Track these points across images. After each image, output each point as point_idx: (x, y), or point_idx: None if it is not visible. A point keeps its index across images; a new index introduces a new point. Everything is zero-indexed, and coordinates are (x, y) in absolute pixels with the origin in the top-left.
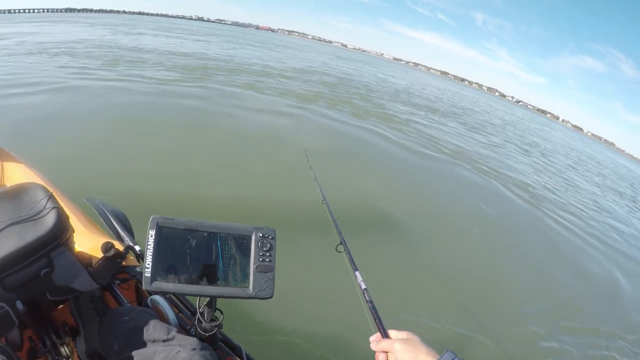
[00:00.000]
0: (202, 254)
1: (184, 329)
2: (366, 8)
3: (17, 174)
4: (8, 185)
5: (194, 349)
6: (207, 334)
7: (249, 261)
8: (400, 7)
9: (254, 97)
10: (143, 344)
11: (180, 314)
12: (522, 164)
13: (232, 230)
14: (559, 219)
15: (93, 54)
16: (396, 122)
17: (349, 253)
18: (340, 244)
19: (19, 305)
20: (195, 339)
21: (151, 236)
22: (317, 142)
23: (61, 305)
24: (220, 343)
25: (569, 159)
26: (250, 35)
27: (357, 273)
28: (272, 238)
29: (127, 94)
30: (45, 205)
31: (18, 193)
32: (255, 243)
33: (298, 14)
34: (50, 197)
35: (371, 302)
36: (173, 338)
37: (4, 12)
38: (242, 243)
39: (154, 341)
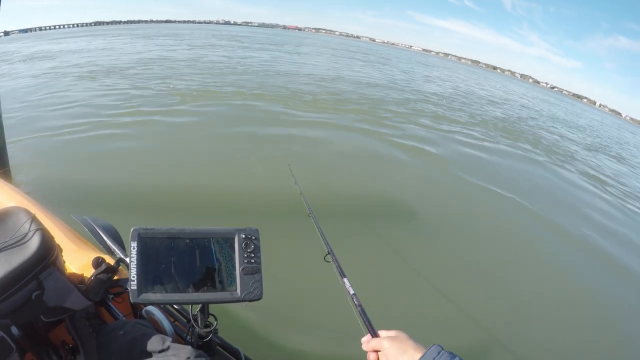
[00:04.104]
0: (186, 261)
1: (180, 337)
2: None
3: (1, 197)
4: None
5: (188, 358)
6: (202, 340)
7: (234, 264)
8: None
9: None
10: (139, 357)
11: (176, 322)
12: None
13: (214, 234)
14: None
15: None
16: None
17: (336, 261)
18: (328, 254)
19: (15, 330)
20: (189, 347)
21: (134, 248)
22: None
23: (58, 326)
24: (219, 348)
25: None
26: (301, 38)
27: (345, 280)
28: (256, 239)
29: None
30: (29, 228)
31: (1, 218)
32: (238, 245)
33: (320, 10)
34: (33, 219)
35: (360, 305)
36: (168, 348)
37: (36, 30)
38: (225, 246)
39: (149, 353)
